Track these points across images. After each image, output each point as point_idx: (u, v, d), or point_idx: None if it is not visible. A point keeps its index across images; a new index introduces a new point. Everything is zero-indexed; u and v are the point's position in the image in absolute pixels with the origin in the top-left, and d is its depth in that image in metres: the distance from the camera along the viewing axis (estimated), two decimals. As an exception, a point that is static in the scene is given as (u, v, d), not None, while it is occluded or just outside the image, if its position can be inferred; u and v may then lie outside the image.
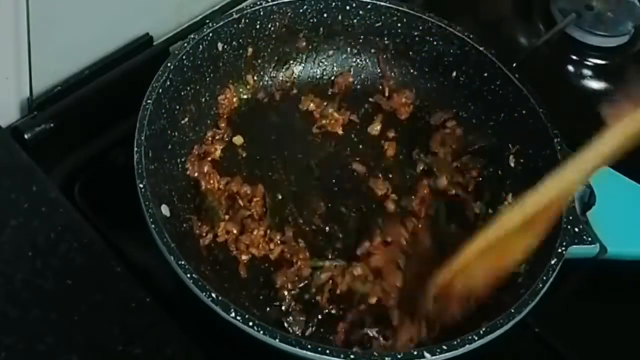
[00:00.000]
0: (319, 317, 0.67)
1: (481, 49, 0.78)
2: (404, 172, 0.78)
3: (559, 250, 0.65)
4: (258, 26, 0.78)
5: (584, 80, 0.92)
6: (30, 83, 0.71)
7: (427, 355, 0.58)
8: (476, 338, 0.59)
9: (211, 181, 0.73)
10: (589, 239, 0.67)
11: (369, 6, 0.81)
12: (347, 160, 0.78)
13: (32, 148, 0.70)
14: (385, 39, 0.82)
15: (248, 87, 0.80)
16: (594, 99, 0.77)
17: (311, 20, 0.81)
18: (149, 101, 0.68)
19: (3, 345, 0.56)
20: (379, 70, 0.84)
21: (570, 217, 0.67)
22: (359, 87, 0.84)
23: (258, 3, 0.78)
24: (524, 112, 0.75)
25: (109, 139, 0.75)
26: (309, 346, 0.57)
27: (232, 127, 0.78)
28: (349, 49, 0.83)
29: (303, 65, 0.83)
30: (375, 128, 0.81)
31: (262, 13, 0.78)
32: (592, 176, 0.65)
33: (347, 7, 0.81)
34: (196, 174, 0.73)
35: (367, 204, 0.75)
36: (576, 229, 0.67)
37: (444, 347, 0.58)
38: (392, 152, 0.79)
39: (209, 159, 0.75)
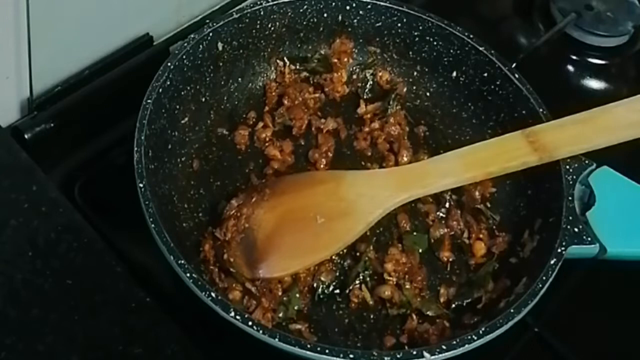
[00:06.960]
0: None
1: (481, 49, 0.78)
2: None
3: (559, 251, 0.65)
4: (258, 26, 0.78)
5: (584, 80, 0.92)
6: (30, 83, 0.71)
7: (426, 355, 0.58)
8: (475, 338, 0.59)
9: None
10: (589, 239, 0.66)
11: (369, 6, 0.81)
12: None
13: (32, 148, 0.70)
14: (385, 39, 0.82)
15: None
16: (594, 99, 0.77)
17: (311, 20, 0.81)
18: (149, 101, 0.68)
19: (3, 345, 0.56)
20: (378, 71, 0.84)
21: (570, 217, 0.67)
22: (358, 87, 0.83)
23: (258, 3, 0.78)
24: (524, 112, 0.75)
25: (109, 139, 0.75)
26: (308, 346, 0.57)
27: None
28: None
29: (303, 64, 0.83)
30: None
31: (262, 13, 0.78)
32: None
33: (347, 7, 0.81)
34: None
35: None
36: (576, 229, 0.66)
37: (444, 347, 0.58)
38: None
39: None
